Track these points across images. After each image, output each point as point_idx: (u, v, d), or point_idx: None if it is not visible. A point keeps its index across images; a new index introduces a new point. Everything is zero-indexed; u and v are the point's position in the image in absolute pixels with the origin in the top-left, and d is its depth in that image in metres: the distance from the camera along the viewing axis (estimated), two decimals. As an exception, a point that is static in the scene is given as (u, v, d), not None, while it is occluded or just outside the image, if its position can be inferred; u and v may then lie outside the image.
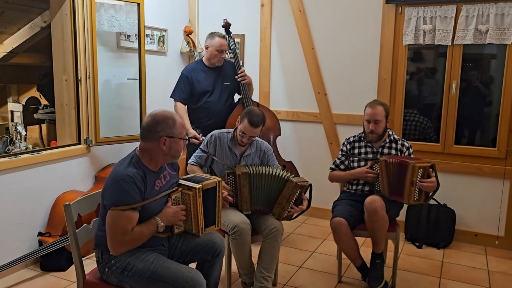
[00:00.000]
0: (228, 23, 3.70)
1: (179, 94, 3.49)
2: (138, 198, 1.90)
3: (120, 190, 1.87)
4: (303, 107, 4.20)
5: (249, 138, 2.68)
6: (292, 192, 2.51)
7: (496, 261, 3.39)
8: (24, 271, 3.03)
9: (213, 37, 3.45)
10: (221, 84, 3.56)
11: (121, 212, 1.86)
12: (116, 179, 1.89)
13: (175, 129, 1.99)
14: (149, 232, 1.95)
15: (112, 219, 1.87)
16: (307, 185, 2.54)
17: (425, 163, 2.67)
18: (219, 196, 2.15)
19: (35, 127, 5.15)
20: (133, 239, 1.91)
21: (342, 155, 3.04)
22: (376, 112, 2.84)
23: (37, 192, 3.12)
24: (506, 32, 3.39)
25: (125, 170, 1.91)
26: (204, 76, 3.51)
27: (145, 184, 1.94)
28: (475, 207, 3.68)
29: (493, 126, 3.70)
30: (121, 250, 1.93)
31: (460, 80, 3.62)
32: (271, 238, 2.56)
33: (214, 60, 3.48)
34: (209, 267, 2.20)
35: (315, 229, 3.98)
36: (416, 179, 2.64)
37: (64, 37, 3.36)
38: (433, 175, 2.68)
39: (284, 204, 2.55)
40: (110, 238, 1.90)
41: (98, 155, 3.59)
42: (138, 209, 1.91)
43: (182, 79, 3.50)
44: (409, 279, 3.05)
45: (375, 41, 3.84)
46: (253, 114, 2.62)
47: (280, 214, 2.58)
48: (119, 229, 1.87)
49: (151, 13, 3.94)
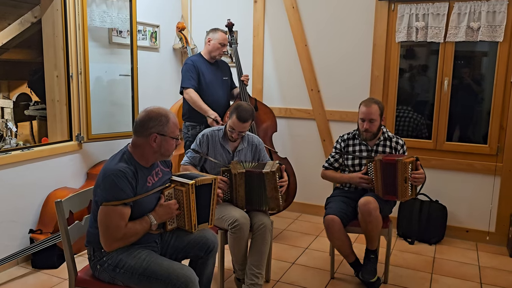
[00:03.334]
0: (231, 23, 3.79)
1: (189, 82, 3.42)
2: (130, 193, 1.89)
3: (112, 185, 1.86)
4: (296, 104, 4.20)
5: (238, 133, 2.68)
6: (274, 179, 2.53)
7: (487, 257, 3.42)
8: (15, 269, 3.01)
9: (216, 31, 3.51)
10: (221, 79, 3.60)
11: (113, 207, 1.85)
12: (107, 174, 1.88)
13: (167, 128, 1.97)
14: (142, 230, 1.95)
15: (104, 215, 1.86)
16: (278, 165, 2.58)
17: (410, 157, 2.71)
18: (214, 194, 2.15)
19: (26, 124, 5.10)
20: (126, 235, 1.90)
21: (336, 152, 3.03)
22: (371, 111, 2.83)
23: (28, 189, 3.10)
24: (497, 29, 3.41)
25: (116, 165, 1.91)
26: (206, 69, 3.52)
27: (137, 179, 1.93)
28: (467, 203, 3.71)
29: (484, 123, 3.72)
30: (114, 246, 1.92)
31: (452, 77, 3.64)
32: (260, 235, 2.56)
33: (215, 53, 3.50)
34: (202, 264, 2.20)
35: (308, 225, 3.99)
36: (408, 175, 2.66)
37: (55, 33, 3.32)
38: (420, 168, 2.72)
39: (275, 195, 2.57)
40: (102, 234, 1.89)
41: (90, 151, 3.56)
42: (130, 205, 1.90)
43: (188, 68, 3.45)
44: (401, 275, 3.07)
45: (368, 38, 3.84)
46: (241, 109, 2.62)
47: (278, 204, 2.59)
48: (112, 225, 1.86)
49: (143, 8, 3.92)
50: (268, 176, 2.53)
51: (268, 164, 2.61)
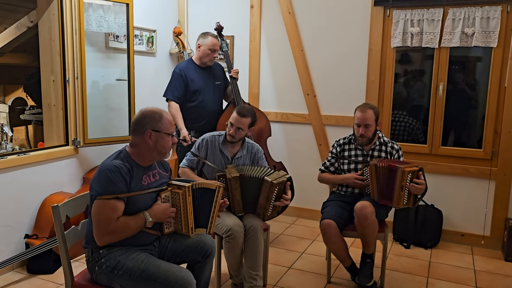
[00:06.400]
0: (221, 26, 3.75)
1: (172, 93, 3.43)
2: (123, 188, 1.92)
3: (106, 180, 1.91)
4: (292, 109, 4.22)
5: (236, 130, 2.69)
6: (270, 191, 2.52)
7: (482, 261, 3.44)
8: (10, 274, 2.99)
9: (206, 36, 3.46)
10: (213, 84, 3.57)
11: (106, 201, 1.89)
12: (102, 169, 1.94)
13: (161, 124, 2.02)
14: (135, 225, 1.95)
15: (97, 208, 1.90)
16: (285, 180, 2.55)
17: (413, 167, 2.70)
18: (216, 202, 2.15)
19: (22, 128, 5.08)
20: (117, 229, 1.90)
21: (332, 157, 3.05)
22: (367, 117, 2.85)
23: (24, 194, 3.08)
24: (491, 35, 3.45)
25: (111, 161, 1.97)
26: (197, 75, 3.50)
27: (131, 176, 1.97)
28: (462, 207, 3.73)
29: (479, 128, 3.76)
30: (106, 240, 1.92)
31: (447, 82, 3.67)
32: (251, 237, 2.57)
33: (206, 59, 3.48)
34: (200, 268, 2.19)
35: (304, 230, 3.99)
36: (406, 183, 2.66)
37: (52, 37, 3.32)
38: (422, 178, 2.72)
39: (265, 204, 2.56)
40: (95, 227, 1.92)
41: (86, 156, 3.55)
42: (123, 200, 1.93)
43: (175, 77, 3.45)
44: (397, 279, 3.08)
45: (363, 43, 3.87)
46: (242, 107, 2.80)
47: (264, 213, 2.59)
48: (104, 218, 1.89)
49: (140, 13, 3.92)
50: (267, 185, 2.52)
51: (276, 174, 2.59)
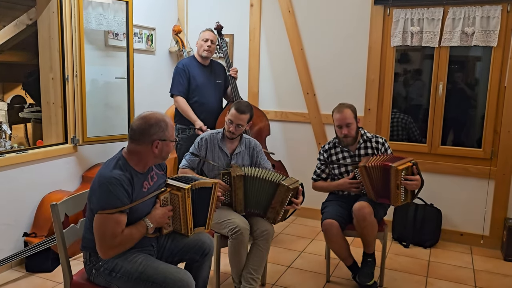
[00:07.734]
0: (220, 26, 3.77)
1: (177, 88, 3.47)
2: (125, 200, 1.87)
3: (107, 194, 1.83)
4: (292, 108, 4.21)
5: (236, 127, 2.68)
6: (285, 195, 2.50)
7: (481, 260, 3.44)
8: (9, 272, 2.98)
9: (203, 31, 3.55)
10: (214, 82, 3.60)
11: (109, 215, 1.83)
12: (102, 182, 1.86)
13: (167, 132, 1.98)
14: (139, 234, 1.93)
15: (100, 223, 1.84)
16: (298, 185, 2.54)
17: (406, 163, 2.68)
18: (213, 198, 2.14)
19: (20, 126, 5.08)
20: (122, 242, 1.88)
21: (321, 164, 3.03)
22: (346, 116, 2.83)
23: (22, 192, 3.07)
24: (491, 34, 3.44)
25: (111, 172, 1.88)
26: (199, 71, 3.53)
27: (133, 186, 1.92)
28: (461, 207, 3.73)
29: (478, 127, 3.75)
30: (111, 254, 1.89)
31: (446, 81, 3.66)
32: (262, 241, 2.57)
33: (201, 51, 3.50)
34: (198, 267, 2.19)
35: (303, 229, 3.99)
36: (401, 181, 2.66)
37: (51, 35, 3.31)
38: (416, 173, 2.71)
39: (277, 208, 2.54)
40: (98, 242, 1.86)
41: (85, 154, 3.54)
42: (126, 212, 1.89)
43: (178, 72, 3.49)
44: (396, 278, 3.08)
45: (363, 42, 3.86)
46: (240, 103, 2.77)
47: (275, 218, 2.57)
48: (108, 233, 1.84)
49: (140, 11, 3.91)
50: (282, 189, 2.49)
51: (289, 179, 2.56)
